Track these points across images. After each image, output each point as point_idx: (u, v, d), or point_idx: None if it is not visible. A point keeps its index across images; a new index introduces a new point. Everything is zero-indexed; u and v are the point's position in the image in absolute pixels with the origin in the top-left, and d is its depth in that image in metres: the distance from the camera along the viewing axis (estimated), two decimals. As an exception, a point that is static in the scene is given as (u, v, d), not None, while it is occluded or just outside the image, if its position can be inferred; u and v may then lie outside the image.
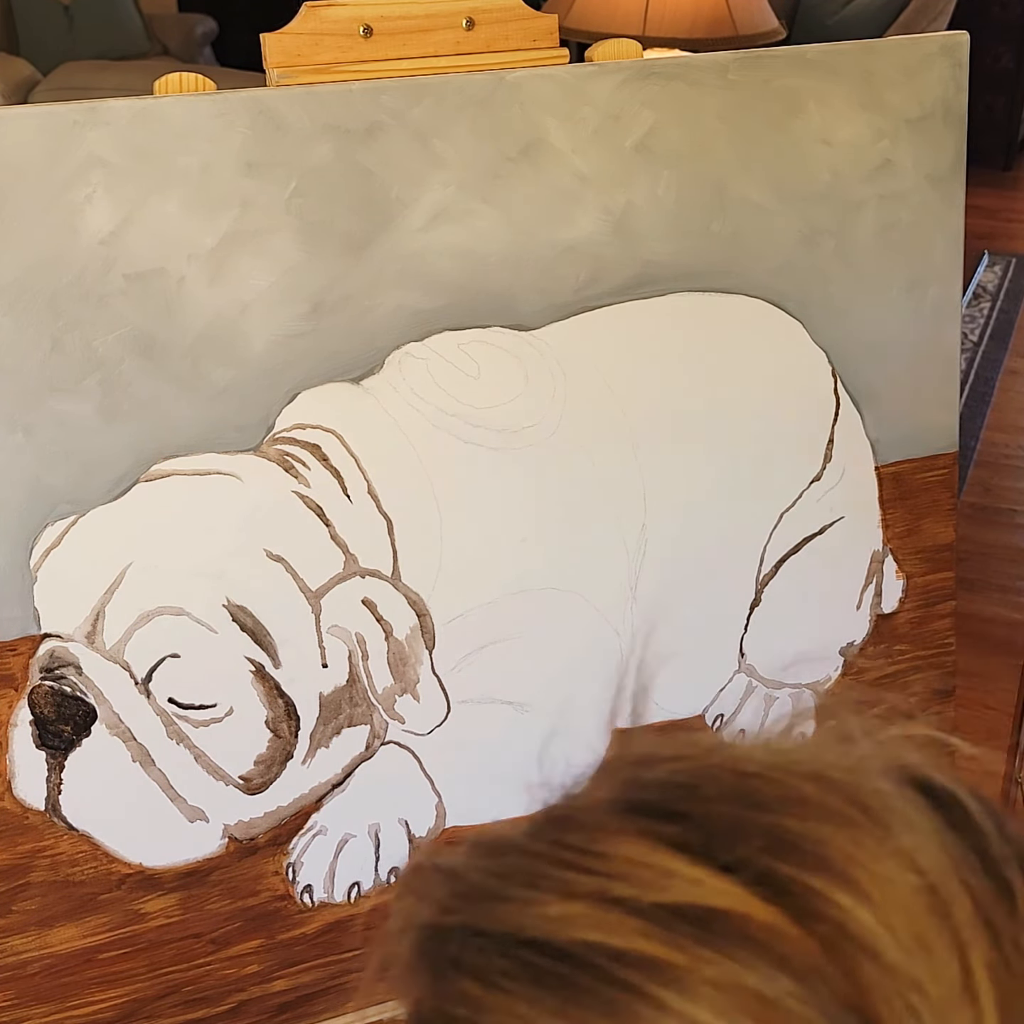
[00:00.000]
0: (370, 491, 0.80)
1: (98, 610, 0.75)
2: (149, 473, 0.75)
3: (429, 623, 0.83)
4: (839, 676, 0.97)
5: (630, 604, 0.88)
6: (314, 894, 0.85)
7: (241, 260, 0.74)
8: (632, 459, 0.86)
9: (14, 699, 0.75)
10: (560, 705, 0.88)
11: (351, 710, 0.82)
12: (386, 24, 0.77)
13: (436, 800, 0.86)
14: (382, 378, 0.79)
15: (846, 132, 0.86)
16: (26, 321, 0.71)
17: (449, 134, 0.77)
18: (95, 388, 0.73)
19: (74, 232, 0.71)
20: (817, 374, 0.90)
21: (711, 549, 0.90)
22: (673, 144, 0.82)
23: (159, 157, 0.71)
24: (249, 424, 0.77)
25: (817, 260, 0.88)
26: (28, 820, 0.77)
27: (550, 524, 0.85)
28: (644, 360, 0.85)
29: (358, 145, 0.75)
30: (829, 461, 0.92)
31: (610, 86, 0.80)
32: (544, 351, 0.83)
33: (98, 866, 0.79)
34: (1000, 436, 2.63)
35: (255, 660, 0.78)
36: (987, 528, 2.31)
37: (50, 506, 0.74)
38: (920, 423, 0.95)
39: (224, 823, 0.81)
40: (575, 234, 0.81)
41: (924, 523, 0.96)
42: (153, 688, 0.77)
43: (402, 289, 0.78)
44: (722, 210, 0.84)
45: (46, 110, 0.69)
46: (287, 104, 0.74)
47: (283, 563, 0.78)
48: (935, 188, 0.90)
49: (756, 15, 1.95)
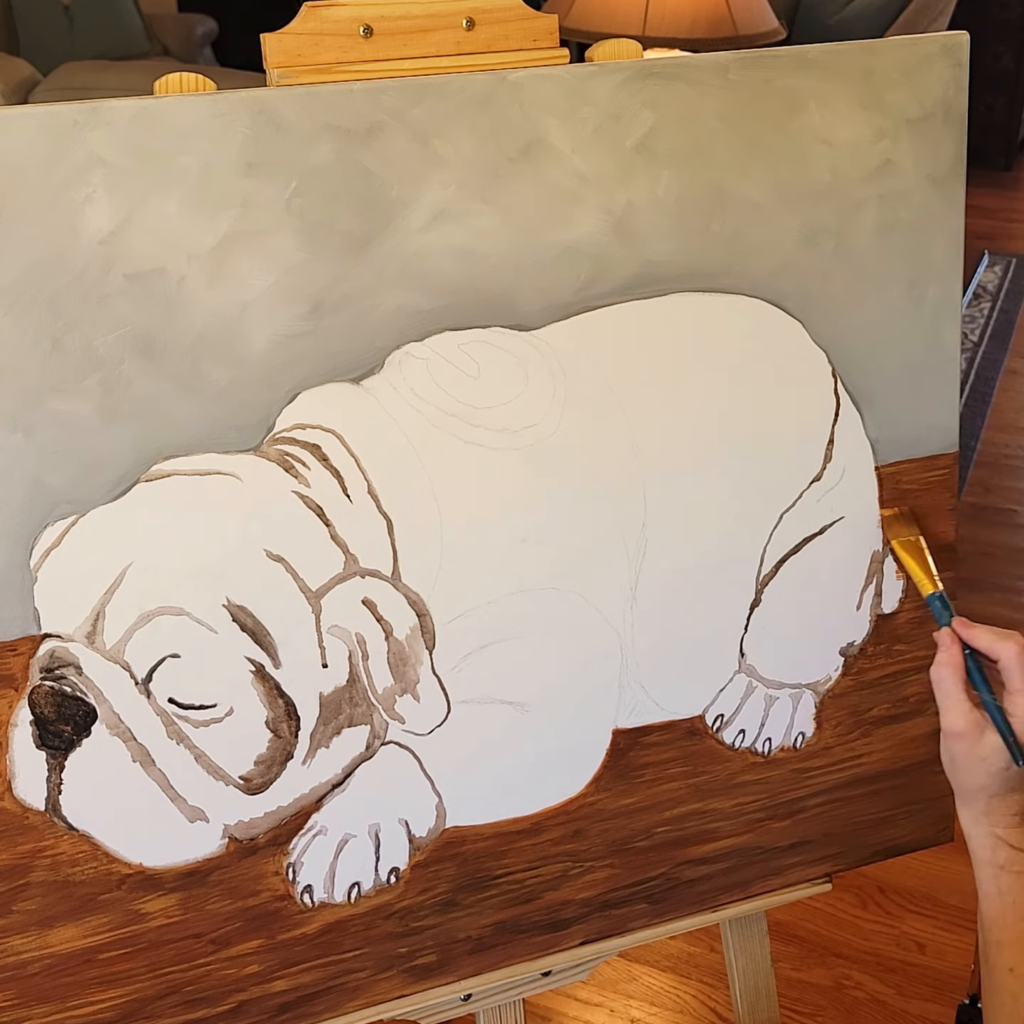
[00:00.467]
0: (370, 491, 0.80)
1: (98, 610, 0.75)
2: (149, 473, 0.75)
3: (429, 623, 0.83)
4: (839, 676, 0.97)
5: (630, 604, 0.88)
6: (314, 894, 0.85)
7: (241, 260, 0.74)
8: (632, 459, 0.86)
9: (14, 699, 0.75)
10: (560, 705, 0.88)
11: (351, 710, 0.82)
12: (386, 24, 0.77)
13: (436, 800, 0.87)
14: (382, 378, 0.79)
15: (846, 132, 0.86)
16: (26, 321, 0.71)
17: (449, 134, 0.77)
18: (95, 388, 0.73)
19: (74, 232, 0.71)
20: (817, 374, 0.90)
21: (711, 549, 0.90)
22: (673, 144, 0.82)
23: (159, 157, 0.71)
24: (249, 424, 0.77)
25: (817, 260, 0.88)
26: (28, 820, 0.77)
27: (550, 524, 0.85)
28: (644, 360, 0.85)
29: (358, 145, 0.75)
30: (829, 461, 0.92)
31: (610, 86, 0.80)
32: (544, 351, 0.83)
33: (98, 866, 0.79)
34: (1000, 436, 2.63)
35: (255, 660, 0.78)
36: (987, 528, 2.31)
37: (50, 506, 0.74)
38: (920, 423, 0.95)
39: (224, 823, 0.81)
40: (575, 234, 0.81)
41: (924, 523, 0.96)
42: (153, 688, 0.77)
43: (402, 289, 0.78)
44: (722, 210, 0.85)
45: (46, 110, 0.69)
46: (287, 104, 0.74)
47: (283, 563, 0.78)
48: (935, 188, 0.90)
49: (756, 15, 1.96)
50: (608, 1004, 1.57)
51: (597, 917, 0.94)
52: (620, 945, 0.97)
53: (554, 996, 1.57)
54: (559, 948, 0.94)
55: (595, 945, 0.95)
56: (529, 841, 0.90)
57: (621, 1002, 1.58)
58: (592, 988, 1.58)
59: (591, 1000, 1.58)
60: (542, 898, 0.92)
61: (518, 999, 0.96)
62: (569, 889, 0.93)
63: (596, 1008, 1.57)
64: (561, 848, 0.91)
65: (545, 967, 0.94)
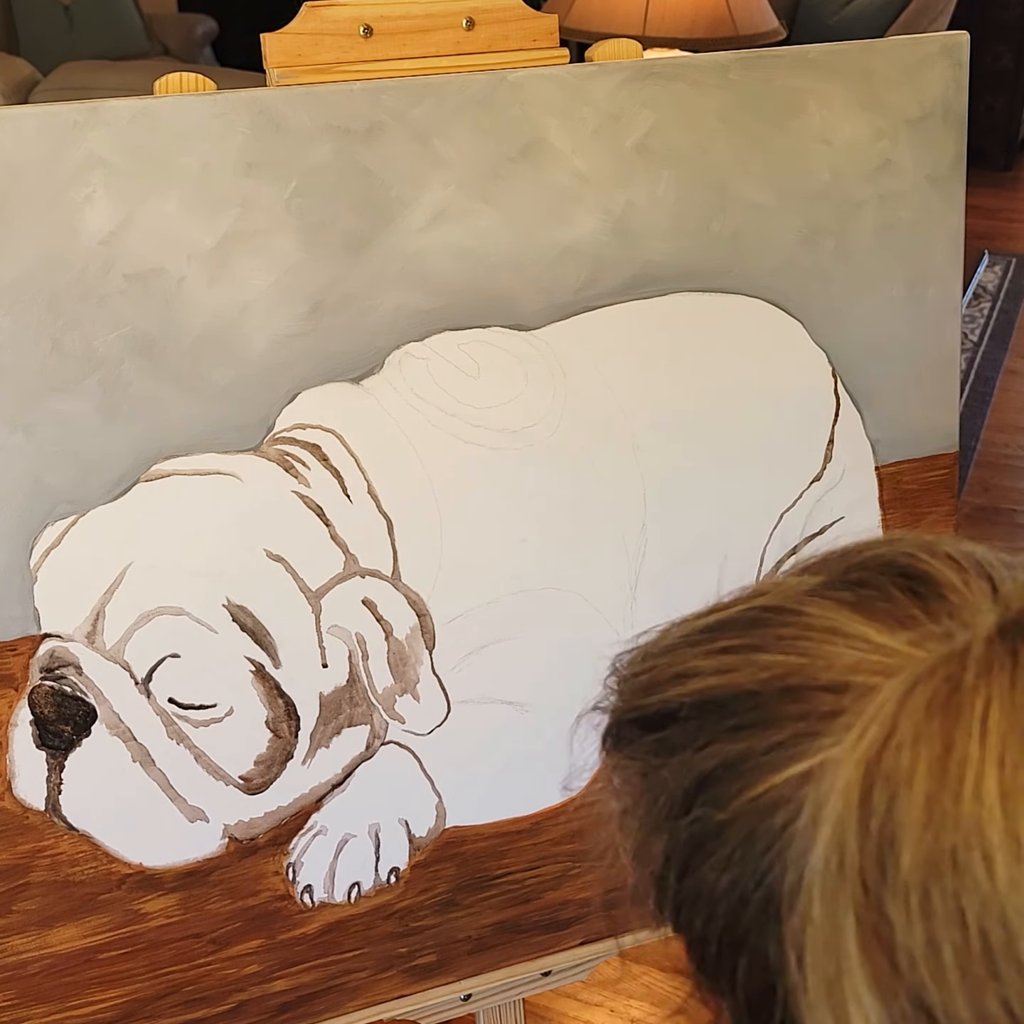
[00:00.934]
0: (370, 491, 0.80)
1: (98, 610, 0.75)
2: (149, 473, 0.75)
3: (429, 623, 0.83)
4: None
5: (630, 604, 0.88)
6: (314, 894, 0.85)
7: (241, 260, 0.74)
8: (632, 459, 0.86)
9: (14, 699, 0.75)
10: (560, 705, 0.88)
11: (351, 710, 0.82)
12: (386, 24, 0.77)
13: (436, 800, 0.87)
14: (382, 378, 0.79)
15: (846, 132, 0.86)
16: (26, 321, 0.71)
17: (449, 134, 0.77)
18: (95, 388, 0.73)
19: (74, 232, 0.71)
20: (817, 374, 0.90)
21: (711, 549, 0.90)
22: (673, 144, 0.82)
23: (159, 157, 0.71)
24: (249, 424, 0.77)
25: (817, 260, 0.88)
26: (28, 820, 0.77)
27: (550, 524, 0.85)
28: (644, 360, 0.85)
29: (358, 145, 0.75)
30: (829, 461, 0.92)
31: (610, 86, 0.80)
32: (544, 351, 0.83)
33: (98, 866, 0.79)
34: (1000, 436, 2.63)
35: (255, 660, 0.78)
36: (987, 528, 2.31)
37: (50, 506, 0.74)
38: (920, 423, 0.94)
39: (224, 823, 0.81)
40: (575, 234, 0.81)
41: (924, 523, 0.96)
42: (153, 688, 0.77)
43: (402, 289, 0.78)
44: (722, 210, 0.84)
45: (46, 110, 0.69)
46: (287, 104, 0.74)
47: (283, 563, 0.78)
48: (935, 188, 0.90)
49: (756, 15, 1.95)
50: (608, 1004, 1.57)
51: (597, 917, 0.94)
52: (620, 945, 0.97)
53: (554, 996, 1.57)
54: (559, 948, 0.94)
55: (595, 945, 0.95)
56: (529, 841, 0.90)
57: (621, 1002, 1.58)
58: (592, 988, 1.58)
59: (591, 1000, 1.58)
60: (542, 898, 0.92)
61: (518, 999, 0.96)
62: (569, 889, 0.93)
63: (596, 1008, 1.57)
64: (561, 848, 0.91)
65: (545, 967, 0.94)
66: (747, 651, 0.38)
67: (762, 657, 0.38)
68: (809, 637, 0.37)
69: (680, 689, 0.39)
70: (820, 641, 0.37)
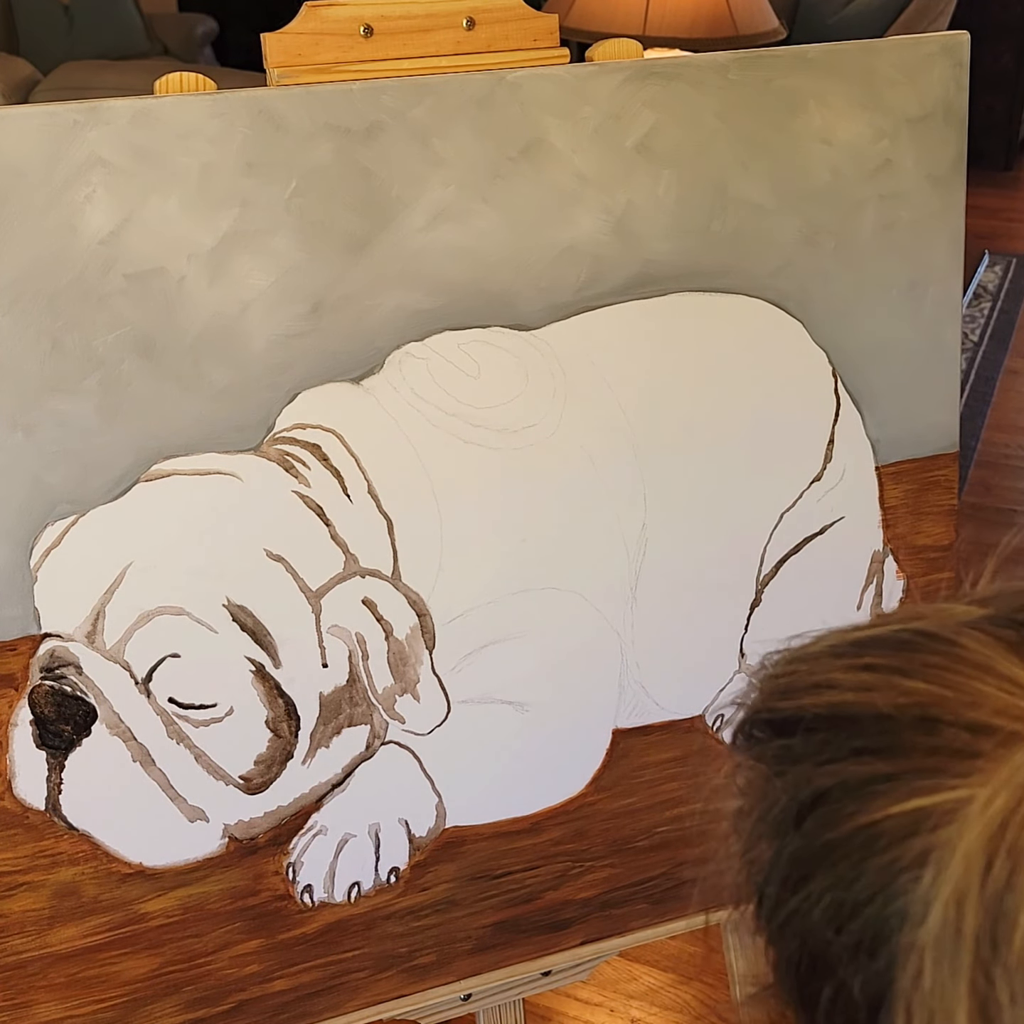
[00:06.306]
0: (370, 491, 0.80)
1: (98, 610, 0.75)
2: (149, 473, 0.75)
3: (429, 623, 0.83)
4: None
5: (630, 604, 0.88)
6: (314, 894, 0.85)
7: (241, 260, 0.74)
8: (632, 459, 0.86)
9: (14, 699, 0.75)
10: (560, 705, 0.88)
11: (351, 710, 0.82)
12: (386, 24, 0.77)
13: (436, 800, 0.87)
14: (382, 378, 0.79)
15: (846, 132, 0.86)
16: (26, 321, 0.71)
17: (449, 134, 0.77)
18: (95, 388, 0.73)
19: (74, 232, 0.71)
20: (817, 374, 0.90)
21: (711, 549, 0.90)
22: (673, 144, 0.82)
23: (159, 157, 0.71)
24: (249, 424, 0.77)
25: (817, 260, 0.88)
26: (28, 820, 0.77)
27: (550, 524, 0.85)
28: (644, 360, 0.85)
29: (358, 145, 0.75)
30: (829, 461, 0.92)
31: (610, 86, 0.80)
32: (544, 351, 0.83)
33: (98, 866, 0.79)
34: (1000, 436, 2.63)
35: (255, 660, 0.78)
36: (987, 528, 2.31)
37: (50, 506, 0.74)
38: (920, 423, 0.94)
39: (224, 823, 0.81)
40: (575, 234, 0.81)
41: (924, 523, 0.96)
42: (153, 688, 0.77)
43: (402, 289, 0.78)
44: (722, 210, 0.84)
45: (46, 110, 0.69)
46: (287, 104, 0.74)
47: (283, 563, 0.78)
48: (935, 188, 0.90)
49: (756, 15, 1.95)
50: (608, 1004, 1.57)
51: (597, 917, 0.94)
52: (620, 945, 0.97)
53: (554, 996, 1.57)
54: (559, 948, 0.94)
55: (595, 945, 0.95)
56: (529, 841, 0.90)
57: (621, 1002, 1.57)
58: (592, 988, 1.58)
59: (591, 1000, 1.58)
60: (542, 898, 0.92)
61: (518, 999, 0.96)
62: (569, 889, 0.93)
63: (596, 1008, 1.57)
64: (561, 848, 0.91)
65: (545, 967, 0.94)
66: (890, 672, 0.37)
67: (905, 682, 0.36)
68: (959, 671, 0.35)
69: (815, 699, 0.38)
70: (970, 676, 0.35)
